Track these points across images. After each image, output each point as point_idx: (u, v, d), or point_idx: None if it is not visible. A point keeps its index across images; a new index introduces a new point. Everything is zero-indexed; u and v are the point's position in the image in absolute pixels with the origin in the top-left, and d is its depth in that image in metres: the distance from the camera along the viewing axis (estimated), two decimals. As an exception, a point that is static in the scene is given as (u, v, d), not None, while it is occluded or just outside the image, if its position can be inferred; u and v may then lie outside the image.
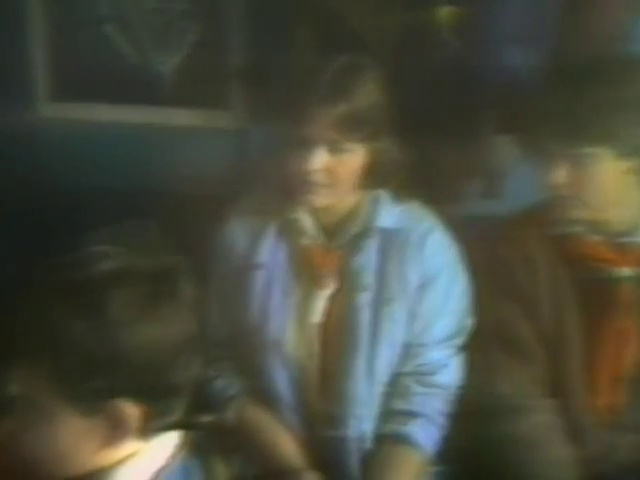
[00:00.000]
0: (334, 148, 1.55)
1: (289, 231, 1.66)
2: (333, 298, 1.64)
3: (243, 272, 1.67)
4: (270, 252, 1.67)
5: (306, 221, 1.65)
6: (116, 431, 1.05)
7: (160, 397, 1.07)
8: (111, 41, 2.09)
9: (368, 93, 1.56)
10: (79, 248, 1.14)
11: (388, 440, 1.60)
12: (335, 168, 1.57)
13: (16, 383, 1.06)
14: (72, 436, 1.05)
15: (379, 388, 1.62)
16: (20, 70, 2.11)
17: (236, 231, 1.69)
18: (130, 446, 1.08)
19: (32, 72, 2.12)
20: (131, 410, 1.05)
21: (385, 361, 1.61)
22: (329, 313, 1.64)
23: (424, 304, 1.62)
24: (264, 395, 1.66)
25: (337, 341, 1.62)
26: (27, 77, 2.12)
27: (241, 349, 1.68)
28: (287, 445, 1.62)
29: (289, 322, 1.64)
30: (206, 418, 1.17)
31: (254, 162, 1.93)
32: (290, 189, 1.61)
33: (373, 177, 1.62)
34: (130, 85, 2.12)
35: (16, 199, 1.98)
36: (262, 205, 1.70)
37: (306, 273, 1.65)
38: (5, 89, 2.07)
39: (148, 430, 1.08)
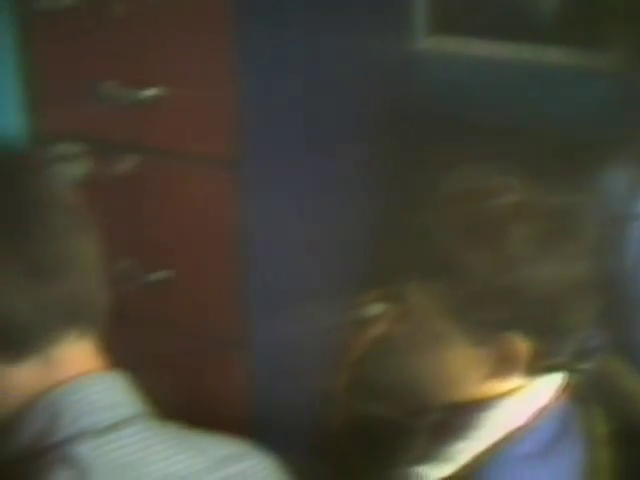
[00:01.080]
0: None
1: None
2: None
3: (620, 221, 1.60)
4: (651, 202, 1.58)
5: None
6: (504, 364, 1.06)
7: (551, 336, 1.06)
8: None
9: None
10: (463, 181, 1.15)
11: None
12: None
13: (401, 302, 1.09)
14: (459, 362, 1.07)
15: None
16: (402, 3, 2.15)
17: (615, 179, 1.62)
18: (515, 381, 1.08)
19: (414, 5, 2.15)
20: (522, 345, 1.04)
21: None
22: None
23: None
24: (630, 350, 1.58)
25: None
26: (409, 10, 2.15)
27: (609, 300, 1.61)
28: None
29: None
30: (586, 365, 1.14)
31: (637, 107, 1.82)
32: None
33: None
34: (507, 21, 2.08)
35: (393, 131, 2.04)
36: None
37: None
38: (387, 23, 2.12)
39: (535, 368, 1.07)
